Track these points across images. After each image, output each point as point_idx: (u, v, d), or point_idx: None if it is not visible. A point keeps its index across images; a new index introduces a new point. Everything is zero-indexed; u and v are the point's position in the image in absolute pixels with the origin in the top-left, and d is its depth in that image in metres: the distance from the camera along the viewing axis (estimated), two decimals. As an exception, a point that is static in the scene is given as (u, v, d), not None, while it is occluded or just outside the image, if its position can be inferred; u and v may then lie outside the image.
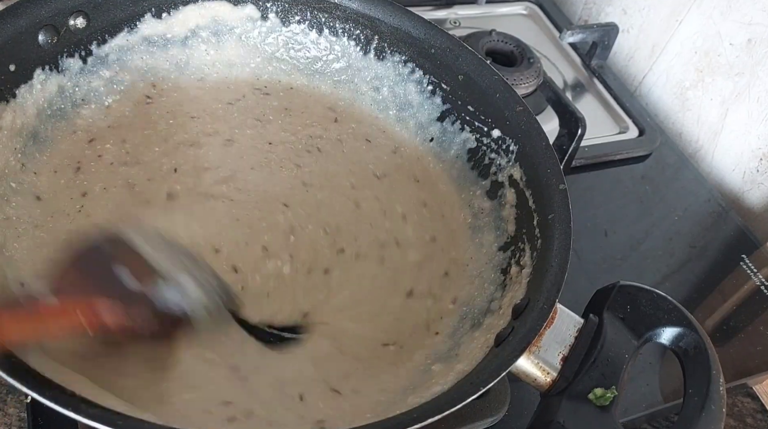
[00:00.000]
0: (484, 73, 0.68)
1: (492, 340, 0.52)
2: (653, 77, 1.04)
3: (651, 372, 0.69)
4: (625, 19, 1.07)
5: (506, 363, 0.46)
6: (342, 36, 0.73)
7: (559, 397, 0.48)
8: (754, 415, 0.72)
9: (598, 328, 0.51)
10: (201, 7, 0.69)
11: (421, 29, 0.70)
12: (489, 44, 0.93)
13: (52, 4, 0.59)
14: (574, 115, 0.82)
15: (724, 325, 0.76)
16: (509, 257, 0.60)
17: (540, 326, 0.47)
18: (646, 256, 0.81)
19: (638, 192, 0.89)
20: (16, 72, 0.58)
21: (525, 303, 0.52)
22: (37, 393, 0.38)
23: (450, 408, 0.42)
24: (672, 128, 1.02)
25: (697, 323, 0.52)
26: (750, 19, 0.89)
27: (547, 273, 0.51)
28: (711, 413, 0.46)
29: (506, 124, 0.66)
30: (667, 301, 0.53)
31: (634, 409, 0.66)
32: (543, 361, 0.49)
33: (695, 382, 0.49)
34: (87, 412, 0.38)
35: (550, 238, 0.54)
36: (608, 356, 0.49)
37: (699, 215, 0.88)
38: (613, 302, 0.52)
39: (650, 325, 0.52)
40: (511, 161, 0.64)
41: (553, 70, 1.01)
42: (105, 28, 0.65)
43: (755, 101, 0.90)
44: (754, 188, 0.92)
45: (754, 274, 0.81)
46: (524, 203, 0.61)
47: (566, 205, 0.55)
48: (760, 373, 0.73)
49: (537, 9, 1.11)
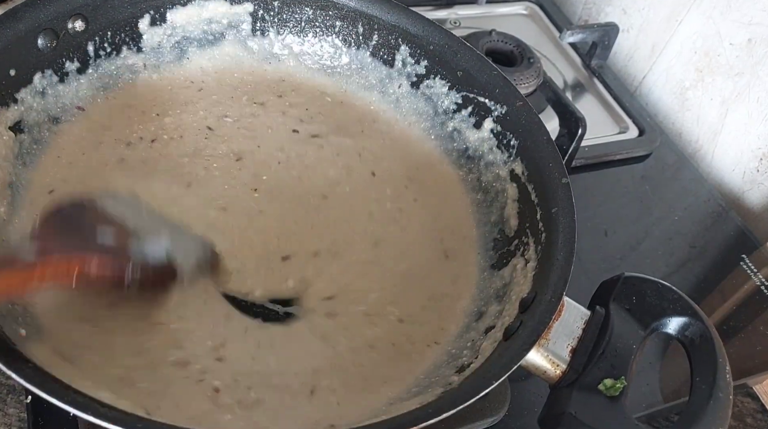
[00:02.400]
0: (483, 69, 0.68)
1: (500, 334, 0.52)
2: (653, 77, 1.04)
3: (651, 371, 0.69)
4: (625, 19, 1.07)
5: (517, 356, 0.46)
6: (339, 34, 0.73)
7: (569, 388, 0.48)
8: (754, 415, 0.72)
9: (605, 320, 0.51)
10: (199, 6, 0.69)
11: (419, 26, 0.70)
12: (489, 44, 0.93)
13: (51, 7, 0.59)
14: (574, 115, 0.82)
15: (724, 325, 0.76)
16: (513, 251, 0.60)
17: (549, 319, 0.48)
18: (646, 255, 0.81)
19: (638, 192, 0.89)
20: (17, 76, 0.58)
21: (532, 296, 0.52)
22: (43, 391, 0.38)
23: (463, 403, 0.43)
24: (672, 128, 1.02)
25: (702, 313, 0.52)
26: (750, 19, 0.89)
27: (553, 266, 0.51)
28: (719, 400, 0.47)
29: (506, 119, 0.66)
30: (672, 292, 0.53)
31: (634, 408, 0.65)
32: (552, 353, 0.49)
33: (702, 371, 0.49)
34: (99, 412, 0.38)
35: (554, 231, 0.54)
36: (616, 347, 0.50)
37: (699, 215, 0.88)
38: (619, 294, 0.53)
39: (656, 316, 0.52)
40: (513, 156, 0.64)
41: (553, 70, 1.01)
42: (104, 31, 0.65)
43: (755, 101, 0.90)
44: (754, 188, 0.92)
45: (754, 274, 0.81)
46: (527, 198, 0.61)
47: (569, 199, 0.55)
48: (760, 373, 0.72)
49: (537, 9, 1.11)
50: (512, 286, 0.57)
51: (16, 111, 0.58)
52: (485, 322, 0.56)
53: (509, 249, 0.61)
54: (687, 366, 0.51)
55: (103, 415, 0.38)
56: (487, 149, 0.68)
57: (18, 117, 0.58)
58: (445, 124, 0.71)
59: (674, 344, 0.65)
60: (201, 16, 0.70)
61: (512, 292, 0.56)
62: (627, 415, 0.47)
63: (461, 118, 0.70)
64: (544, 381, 0.50)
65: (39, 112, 0.60)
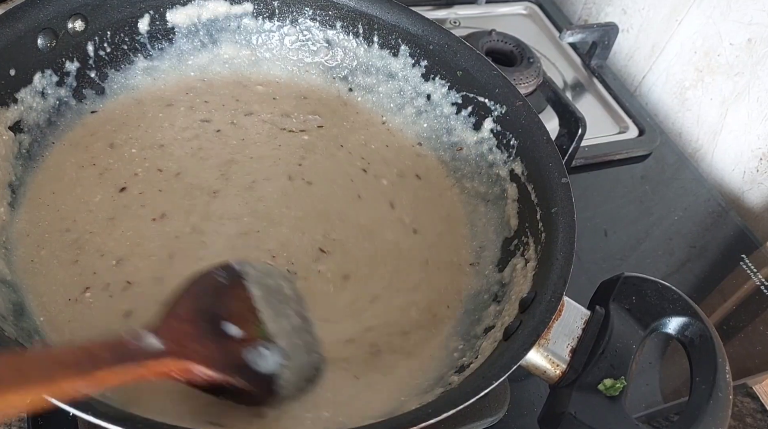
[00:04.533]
0: (483, 69, 0.68)
1: (500, 334, 0.52)
2: (653, 77, 1.04)
3: (651, 371, 0.69)
4: (625, 18, 1.07)
5: (517, 356, 0.46)
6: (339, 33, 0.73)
7: (569, 388, 0.48)
8: (754, 415, 0.72)
9: (605, 320, 0.51)
10: (199, 6, 0.69)
11: (419, 26, 0.70)
12: (489, 44, 0.93)
13: (51, 7, 0.59)
14: (574, 115, 0.82)
15: (724, 325, 0.76)
16: (513, 251, 0.60)
17: (549, 319, 0.48)
18: (646, 255, 0.81)
19: (638, 192, 0.89)
20: (17, 76, 0.58)
21: (532, 296, 0.52)
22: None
23: (463, 402, 0.43)
24: (672, 128, 1.02)
25: (702, 312, 0.52)
26: (750, 19, 0.89)
27: (553, 266, 0.51)
28: (719, 400, 0.47)
29: (506, 119, 0.66)
30: (672, 292, 0.54)
31: (634, 408, 0.65)
32: (552, 353, 0.49)
33: (702, 371, 0.49)
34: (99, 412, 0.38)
35: (554, 231, 0.54)
36: (616, 347, 0.50)
37: (699, 215, 0.88)
38: (619, 293, 0.53)
39: (656, 316, 0.52)
40: (512, 156, 0.64)
41: (553, 70, 1.01)
42: (103, 31, 0.65)
43: (755, 101, 0.90)
44: (754, 188, 0.92)
45: (754, 274, 0.81)
46: (526, 198, 0.61)
47: (569, 199, 0.55)
48: (760, 373, 0.72)
49: (537, 9, 1.11)
50: (512, 285, 0.57)
51: (16, 111, 0.58)
52: (485, 322, 0.56)
53: (509, 249, 0.61)
54: (687, 366, 0.51)
55: (103, 415, 0.38)
56: (486, 149, 0.68)
57: (18, 117, 0.58)
58: (445, 124, 0.71)
59: (674, 344, 0.65)
60: (201, 16, 0.70)
61: (512, 291, 0.56)
62: (627, 415, 0.47)
63: (461, 118, 0.70)
64: (544, 381, 0.50)
65: (39, 112, 0.60)
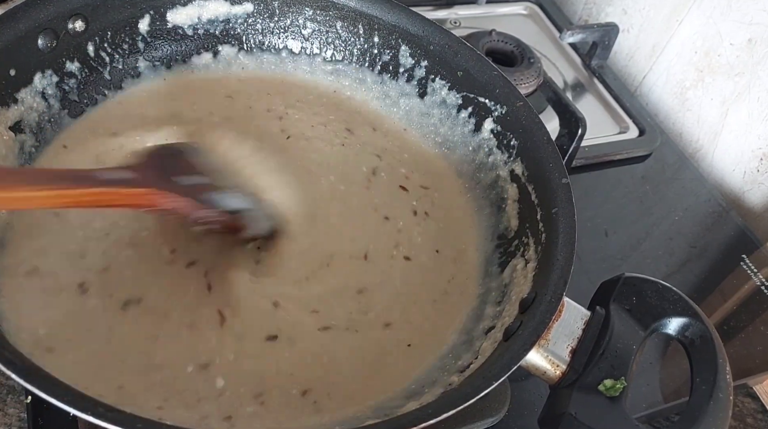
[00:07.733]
0: (483, 69, 0.68)
1: (500, 334, 0.52)
2: (653, 77, 1.04)
3: (651, 372, 0.69)
4: (626, 18, 1.07)
5: (517, 356, 0.46)
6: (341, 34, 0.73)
7: (569, 389, 0.48)
8: (754, 415, 0.72)
9: (605, 320, 0.51)
10: (199, 7, 0.69)
11: (419, 26, 0.70)
12: (489, 44, 0.93)
13: (51, 7, 0.59)
14: (575, 115, 0.82)
15: (725, 325, 0.76)
16: (513, 251, 0.60)
17: (549, 319, 0.48)
18: (647, 256, 0.81)
19: (638, 192, 0.89)
20: (17, 76, 0.58)
21: (532, 297, 0.52)
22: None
23: (463, 403, 0.43)
24: (672, 128, 1.02)
25: (702, 313, 0.52)
26: (750, 19, 0.89)
27: (554, 266, 0.51)
28: (719, 400, 0.47)
29: (507, 120, 0.66)
30: (672, 292, 0.53)
31: (634, 409, 0.65)
32: (552, 354, 0.49)
33: (702, 371, 0.49)
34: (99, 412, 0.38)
35: (554, 232, 0.54)
36: (616, 347, 0.50)
37: (699, 215, 0.88)
38: (619, 294, 0.53)
39: (656, 316, 0.52)
40: (513, 156, 0.64)
41: (553, 70, 1.01)
42: (104, 31, 0.65)
43: (755, 101, 0.90)
44: (755, 188, 0.92)
45: (754, 274, 0.81)
46: (527, 198, 0.61)
47: (569, 199, 0.55)
48: (760, 373, 0.72)
49: (537, 9, 1.11)
50: (512, 286, 0.57)
51: (16, 111, 0.58)
52: (485, 323, 0.56)
53: (509, 249, 0.61)
54: (687, 366, 0.51)
55: (103, 416, 0.38)
56: (487, 149, 0.68)
57: (18, 117, 0.58)
58: (445, 125, 0.71)
59: (674, 344, 0.65)
60: (201, 17, 0.70)
61: (512, 292, 0.56)
62: (627, 415, 0.47)
63: (461, 119, 0.70)
64: (544, 381, 0.50)
65: (39, 112, 0.60)
